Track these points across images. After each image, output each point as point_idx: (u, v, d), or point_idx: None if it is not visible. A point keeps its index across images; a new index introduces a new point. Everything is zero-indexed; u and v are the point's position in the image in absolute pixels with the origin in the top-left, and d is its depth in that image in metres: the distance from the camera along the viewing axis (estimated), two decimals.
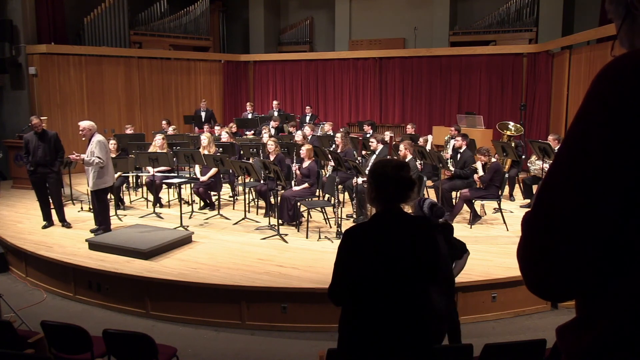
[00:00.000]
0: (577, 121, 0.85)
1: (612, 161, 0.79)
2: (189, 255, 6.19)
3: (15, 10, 11.18)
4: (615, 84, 0.80)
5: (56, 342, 3.75)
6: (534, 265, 0.88)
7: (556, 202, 0.84)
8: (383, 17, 14.23)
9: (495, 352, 3.24)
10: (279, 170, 6.82)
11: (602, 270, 0.84)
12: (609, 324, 0.84)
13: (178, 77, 13.94)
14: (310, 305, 5.15)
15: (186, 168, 8.97)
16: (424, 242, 2.32)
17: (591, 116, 0.82)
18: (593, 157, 0.80)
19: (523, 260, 0.91)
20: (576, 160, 0.83)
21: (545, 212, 0.86)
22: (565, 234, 0.83)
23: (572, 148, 0.84)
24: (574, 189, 0.82)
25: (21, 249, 6.46)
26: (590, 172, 0.81)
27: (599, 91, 0.82)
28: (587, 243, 0.82)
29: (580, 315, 0.93)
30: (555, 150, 7.43)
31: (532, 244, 0.88)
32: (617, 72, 0.81)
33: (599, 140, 0.80)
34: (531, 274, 0.89)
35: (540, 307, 5.37)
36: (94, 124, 6.80)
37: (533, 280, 0.90)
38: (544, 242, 0.86)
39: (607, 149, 0.79)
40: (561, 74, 10.73)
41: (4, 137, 10.88)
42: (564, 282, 0.86)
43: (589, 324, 0.88)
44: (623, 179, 0.79)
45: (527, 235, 0.90)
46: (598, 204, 0.80)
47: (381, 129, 12.66)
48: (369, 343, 2.25)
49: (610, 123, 0.79)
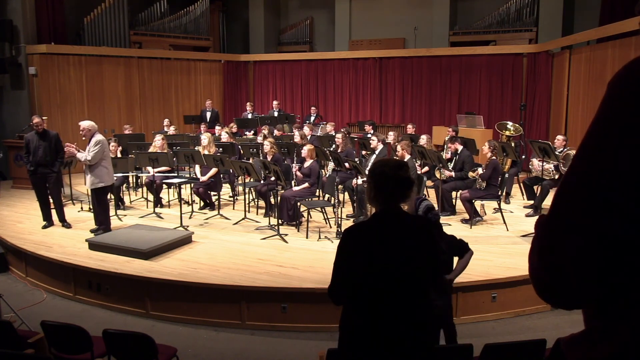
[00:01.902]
0: (596, 124, 0.82)
1: (630, 164, 0.77)
2: (189, 255, 6.19)
3: (15, 10, 11.18)
4: (633, 85, 0.78)
5: (56, 342, 3.75)
6: (546, 268, 0.85)
7: (573, 204, 0.82)
8: (383, 17, 14.23)
9: (495, 352, 3.24)
10: (279, 170, 6.82)
11: (619, 276, 0.80)
12: (629, 335, 0.81)
13: (178, 77, 13.94)
14: (310, 305, 5.15)
15: (186, 168, 8.97)
16: (423, 241, 2.32)
17: (610, 118, 0.80)
18: (611, 160, 0.78)
19: (536, 264, 0.87)
20: (594, 162, 0.81)
21: (562, 213, 0.84)
22: (581, 236, 0.80)
23: (590, 151, 0.82)
24: (592, 192, 0.80)
25: (21, 249, 6.46)
26: (608, 175, 0.78)
27: (616, 94, 0.80)
28: (604, 246, 0.79)
29: (592, 326, 0.89)
30: (556, 150, 7.43)
31: (547, 246, 0.86)
32: (633, 74, 0.79)
33: (618, 143, 0.78)
34: (543, 278, 0.86)
35: (540, 307, 5.36)
36: (94, 124, 6.80)
37: (544, 286, 0.86)
38: (559, 244, 0.83)
39: (626, 152, 0.77)
40: (561, 74, 10.73)
41: (4, 137, 10.88)
42: (579, 287, 0.82)
43: (604, 335, 0.84)
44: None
45: (542, 237, 0.88)
46: (616, 207, 0.78)
47: (381, 129, 12.65)
48: (369, 343, 2.25)
49: (630, 126, 0.77)
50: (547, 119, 11.50)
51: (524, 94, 12.18)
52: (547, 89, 11.47)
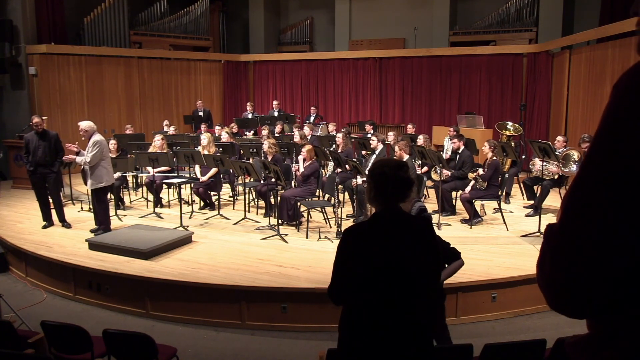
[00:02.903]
0: (603, 127, 0.80)
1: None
2: (189, 255, 6.19)
3: (15, 10, 11.19)
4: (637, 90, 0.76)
5: (56, 342, 3.75)
6: (561, 267, 0.83)
7: (584, 210, 0.81)
8: (383, 17, 14.23)
9: (495, 352, 3.24)
10: (279, 171, 6.82)
11: (632, 284, 0.79)
12: (635, 342, 0.80)
13: (178, 77, 13.94)
14: (310, 305, 5.15)
15: (186, 168, 8.97)
16: (423, 241, 2.32)
17: (618, 122, 0.79)
18: (621, 164, 0.77)
19: (547, 268, 0.85)
20: (604, 167, 0.79)
21: (572, 219, 0.83)
22: (593, 242, 0.79)
23: (598, 156, 0.80)
24: (602, 197, 0.78)
25: (21, 249, 6.46)
26: (619, 179, 0.77)
27: (622, 100, 0.78)
28: (617, 252, 0.78)
29: (597, 332, 0.88)
30: (556, 151, 7.42)
31: (558, 252, 0.84)
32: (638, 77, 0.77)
33: (628, 148, 0.76)
34: (558, 279, 0.84)
35: (540, 307, 5.36)
36: (92, 124, 6.80)
37: (559, 287, 0.84)
38: (571, 249, 0.81)
39: (635, 156, 0.75)
40: (561, 74, 10.73)
41: (4, 137, 10.88)
42: (590, 295, 0.80)
43: (611, 341, 0.84)
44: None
45: (552, 243, 0.86)
46: (628, 211, 0.76)
47: (381, 129, 12.65)
48: (369, 343, 2.25)
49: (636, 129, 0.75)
50: (547, 119, 11.50)
51: (524, 94, 12.18)
52: (547, 89, 11.47)
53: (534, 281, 5.40)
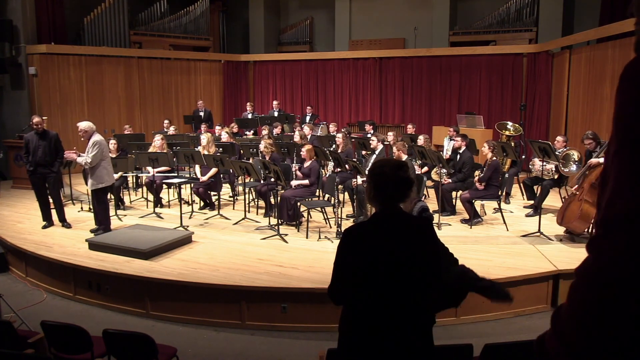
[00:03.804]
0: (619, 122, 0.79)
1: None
2: (189, 255, 6.19)
3: (15, 10, 11.19)
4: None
5: (56, 342, 3.75)
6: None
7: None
8: (383, 17, 14.23)
9: (495, 352, 3.24)
10: (279, 171, 6.82)
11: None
12: None
13: (178, 77, 13.94)
14: (310, 305, 5.15)
15: (186, 168, 8.97)
16: (423, 241, 2.32)
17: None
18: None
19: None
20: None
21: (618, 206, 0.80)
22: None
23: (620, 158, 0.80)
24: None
25: (21, 249, 6.46)
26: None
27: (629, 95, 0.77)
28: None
29: None
30: (556, 151, 7.42)
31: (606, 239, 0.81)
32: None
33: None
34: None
35: (540, 307, 5.36)
36: (92, 124, 6.80)
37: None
38: (615, 235, 0.79)
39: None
40: (561, 74, 10.73)
41: (4, 137, 10.88)
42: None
43: None
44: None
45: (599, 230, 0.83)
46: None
47: (381, 129, 12.66)
48: (369, 343, 2.25)
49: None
50: (547, 119, 11.50)
51: (524, 94, 12.19)
52: (547, 89, 11.47)
53: (534, 281, 5.41)
